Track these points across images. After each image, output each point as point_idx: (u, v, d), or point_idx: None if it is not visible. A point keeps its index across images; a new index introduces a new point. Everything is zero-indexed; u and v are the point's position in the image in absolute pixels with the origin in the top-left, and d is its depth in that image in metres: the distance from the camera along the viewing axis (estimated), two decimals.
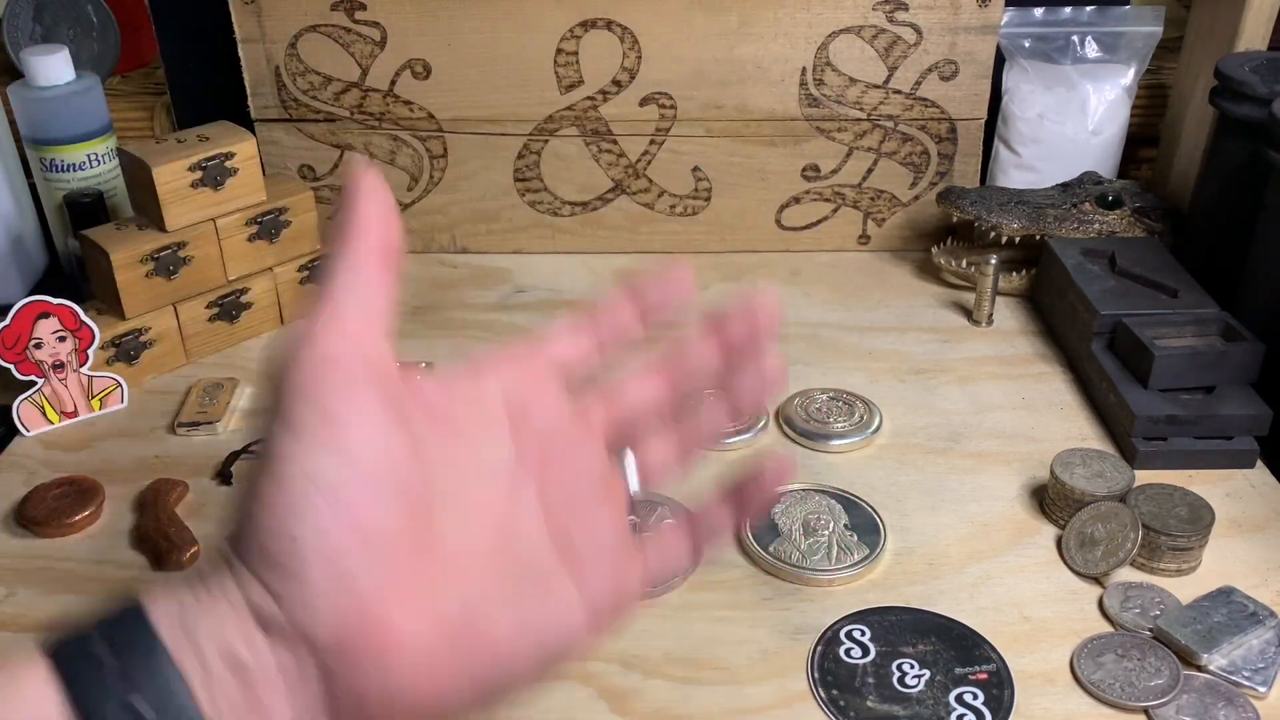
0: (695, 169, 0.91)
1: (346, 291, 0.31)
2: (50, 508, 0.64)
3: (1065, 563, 0.60)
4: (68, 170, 0.84)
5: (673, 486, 0.65)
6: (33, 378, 0.71)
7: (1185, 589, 0.58)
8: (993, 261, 0.81)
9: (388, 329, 0.31)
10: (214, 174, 0.77)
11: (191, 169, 0.75)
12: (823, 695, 0.52)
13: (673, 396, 0.37)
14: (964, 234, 0.87)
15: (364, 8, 0.86)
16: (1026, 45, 0.91)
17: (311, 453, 0.28)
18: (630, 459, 0.37)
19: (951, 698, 0.52)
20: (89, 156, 0.85)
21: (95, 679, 0.26)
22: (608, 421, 0.36)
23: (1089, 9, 0.91)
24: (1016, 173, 0.91)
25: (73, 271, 0.86)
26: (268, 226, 0.81)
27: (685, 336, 0.37)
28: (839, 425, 0.71)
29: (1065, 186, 0.87)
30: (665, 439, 0.37)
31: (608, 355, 0.37)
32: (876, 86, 0.88)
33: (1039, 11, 0.91)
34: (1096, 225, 0.84)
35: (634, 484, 0.36)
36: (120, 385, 0.74)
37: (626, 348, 0.37)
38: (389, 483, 0.29)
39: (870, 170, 0.91)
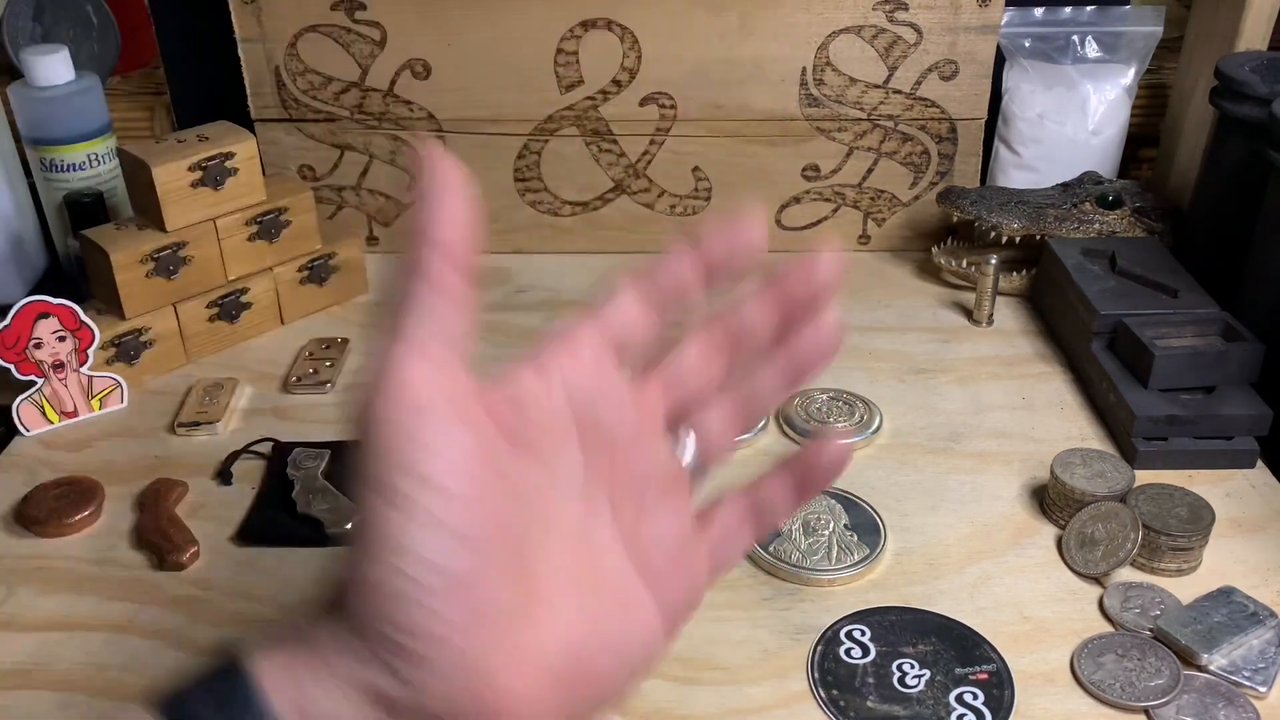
0: (695, 169, 0.91)
1: (425, 316, 0.27)
2: (50, 508, 0.64)
3: (1065, 563, 0.60)
4: (68, 170, 0.84)
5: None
6: (33, 378, 0.71)
7: (1185, 589, 0.57)
8: (993, 261, 0.81)
9: (467, 352, 0.28)
10: (214, 174, 0.77)
11: (191, 169, 0.75)
12: (823, 695, 0.52)
13: (729, 364, 0.34)
14: (964, 234, 0.87)
15: (364, 8, 0.86)
16: (1026, 45, 0.91)
17: (416, 528, 0.26)
18: (692, 441, 0.33)
19: (951, 698, 0.52)
20: (89, 156, 0.85)
21: None
22: (667, 403, 0.33)
23: (1089, 9, 0.91)
24: (1016, 173, 0.91)
25: (73, 271, 0.86)
26: (268, 226, 0.80)
27: (740, 296, 0.33)
28: (839, 425, 0.71)
29: (1065, 186, 0.87)
30: (721, 411, 0.34)
31: (668, 322, 0.33)
32: (876, 86, 0.88)
33: (1039, 11, 0.91)
34: (1096, 225, 0.84)
35: (692, 463, 0.34)
36: (120, 385, 0.74)
37: (686, 311, 0.33)
38: (495, 544, 0.27)
39: (870, 170, 0.91)
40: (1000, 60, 0.90)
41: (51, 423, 0.73)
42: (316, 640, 0.27)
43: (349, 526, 0.62)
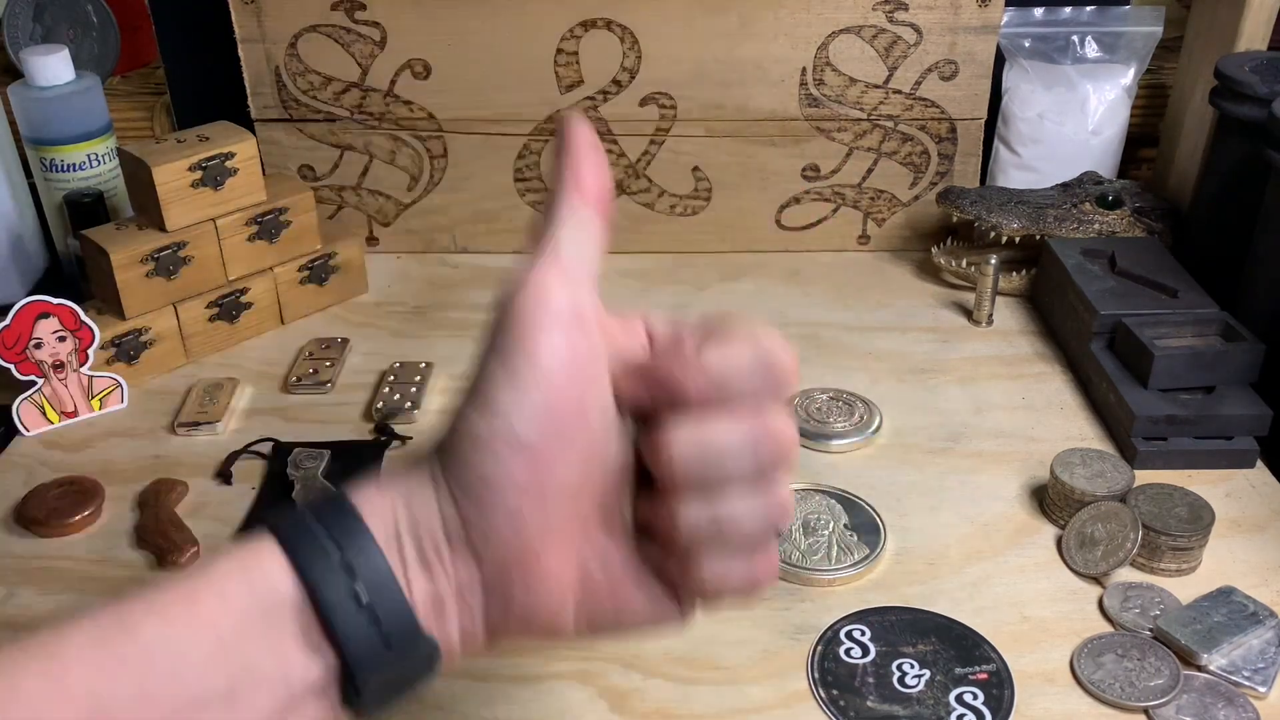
0: (695, 169, 0.91)
1: (567, 237, 0.34)
2: (50, 508, 0.64)
3: (1065, 563, 0.60)
4: (68, 170, 0.84)
5: None
6: (33, 378, 0.71)
7: (1185, 589, 0.58)
8: (993, 261, 0.81)
9: (595, 278, 0.34)
10: (214, 174, 0.77)
11: (191, 169, 0.76)
12: (823, 695, 0.52)
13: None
14: (964, 234, 0.87)
15: (364, 8, 0.86)
16: (1026, 45, 0.91)
17: (519, 398, 0.31)
18: None
19: (951, 698, 0.52)
20: (89, 156, 0.85)
21: (325, 567, 0.31)
22: None
23: (1089, 9, 0.91)
24: (1016, 173, 0.91)
25: (73, 271, 0.86)
26: (268, 226, 0.81)
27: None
28: (839, 425, 0.71)
29: (1065, 186, 0.87)
30: None
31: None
32: (876, 86, 0.88)
33: (1039, 11, 0.91)
34: (1096, 225, 0.84)
35: None
36: (120, 385, 0.74)
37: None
38: (579, 441, 0.32)
39: (870, 170, 0.91)
40: (1000, 60, 0.90)
41: (51, 423, 0.73)
42: (410, 473, 0.33)
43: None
